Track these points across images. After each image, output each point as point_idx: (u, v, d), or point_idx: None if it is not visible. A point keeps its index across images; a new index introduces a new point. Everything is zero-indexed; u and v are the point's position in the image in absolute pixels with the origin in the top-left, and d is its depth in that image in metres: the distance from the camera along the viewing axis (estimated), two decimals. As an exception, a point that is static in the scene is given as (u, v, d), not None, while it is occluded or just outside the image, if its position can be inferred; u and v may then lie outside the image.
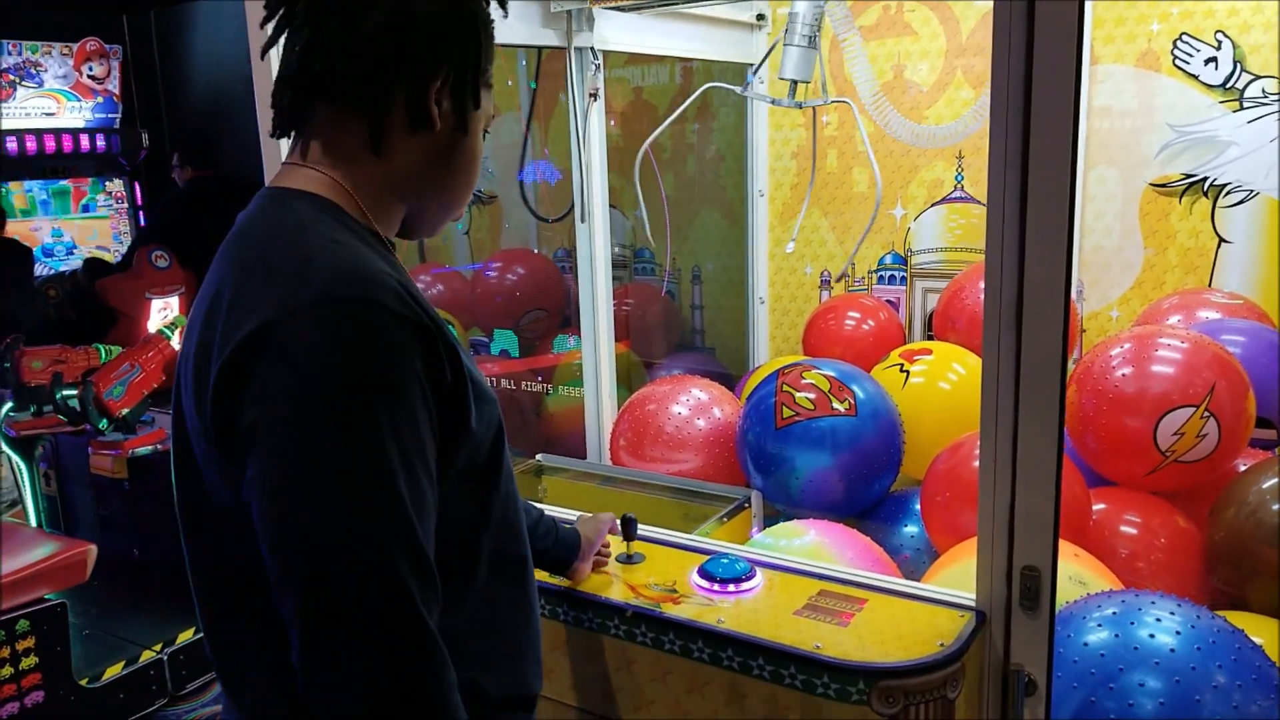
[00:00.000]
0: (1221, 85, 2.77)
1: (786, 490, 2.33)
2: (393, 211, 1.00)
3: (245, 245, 0.93)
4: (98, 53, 4.89)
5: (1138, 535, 2.11)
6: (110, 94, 4.97)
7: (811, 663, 1.26)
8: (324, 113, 0.95)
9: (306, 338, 0.80)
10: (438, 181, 1.00)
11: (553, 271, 3.84)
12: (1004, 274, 1.25)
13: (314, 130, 0.96)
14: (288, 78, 0.95)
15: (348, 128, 0.95)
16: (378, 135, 0.95)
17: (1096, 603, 1.51)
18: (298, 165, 0.96)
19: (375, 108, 0.94)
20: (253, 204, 0.97)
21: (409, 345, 0.84)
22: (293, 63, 0.95)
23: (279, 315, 0.82)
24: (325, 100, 0.95)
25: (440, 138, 0.98)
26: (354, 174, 0.95)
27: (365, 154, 0.95)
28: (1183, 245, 2.90)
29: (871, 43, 3.25)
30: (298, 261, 0.86)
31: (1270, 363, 2.36)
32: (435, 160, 0.99)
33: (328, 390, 0.80)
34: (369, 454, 0.80)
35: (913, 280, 3.34)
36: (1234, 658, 1.36)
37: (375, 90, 0.94)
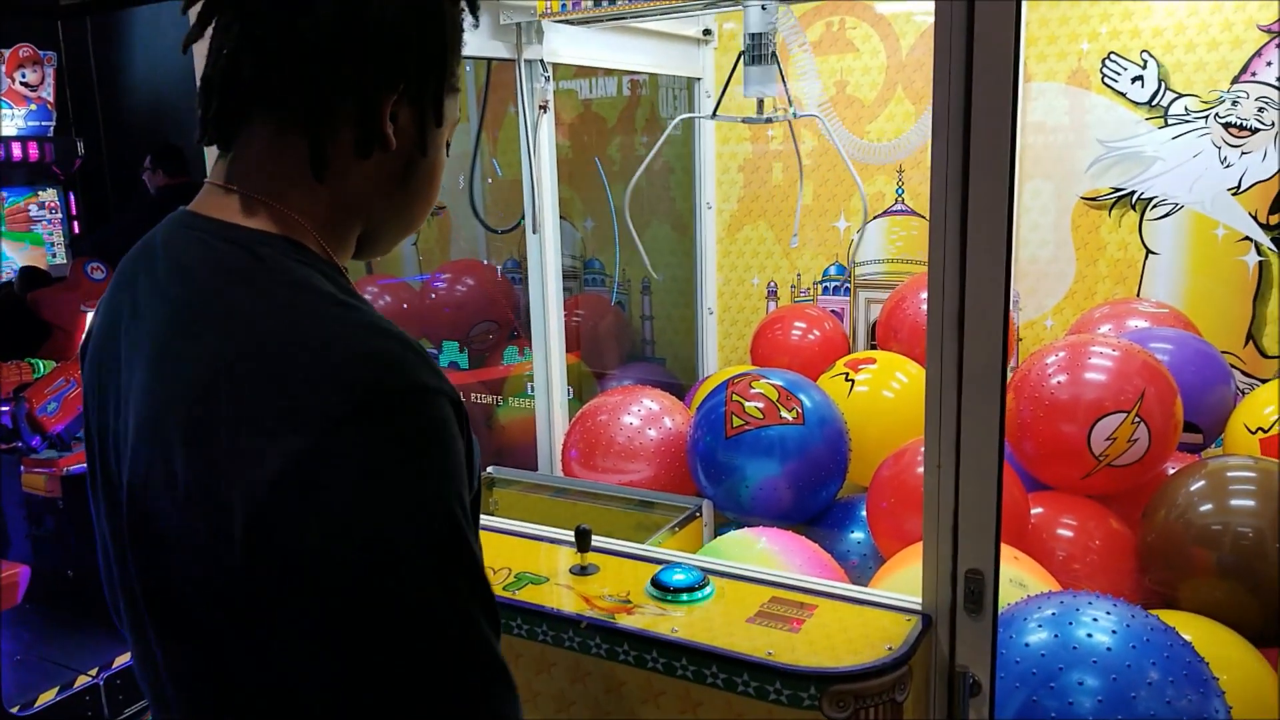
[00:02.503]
0: (1147, 103, 2.88)
1: (737, 499, 2.36)
2: (347, 238, 0.87)
3: (227, 319, 0.74)
4: (31, 59, 4.76)
5: (1074, 538, 2.18)
6: (44, 101, 4.84)
7: (764, 669, 1.28)
8: (260, 126, 0.81)
9: (360, 465, 0.67)
10: (393, 204, 0.87)
11: (502, 283, 3.84)
12: (946, 285, 1.29)
13: (248, 145, 0.82)
14: (214, 80, 0.81)
15: (289, 146, 0.81)
16: (321, 158, 0.80)
17: (1036, 604, 1.55)
18: (233, 191, 0.81)
19: (318, 126, 0.80)
20: (189, 239, 0.81)
21: (455, 424, 0.74)
22: (221, 63, 0.80)
23: (318, 442, 0.67)
24: (260, 111, 0.81)
25: (396, 158, 0.84)
26: (301, 201, 0.81)
27: (313, 187, 0.82)
28: (1112, 256, 3.01)
29: (814, 58, 3.32)
30: (314, 352, 0.71)
31: (1196, 369, 2.46)
32: (390, 182, 0.85)
33: (399, 525, 0.68)
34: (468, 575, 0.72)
35: (856, 291, 3.41)
36: (1166, 655, 1.42)
37: (318, 104, 0.79)
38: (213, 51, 0.81)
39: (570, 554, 1.59)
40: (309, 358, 0.71)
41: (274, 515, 0.68)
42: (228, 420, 0.70)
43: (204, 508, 0.71)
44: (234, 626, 0.73)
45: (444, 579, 0.70)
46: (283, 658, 0.71)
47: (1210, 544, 1.99)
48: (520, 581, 1.53)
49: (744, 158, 3.50)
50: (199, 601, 0.75)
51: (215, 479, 0.70)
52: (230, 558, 0.70)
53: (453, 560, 0.71)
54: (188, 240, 0.82)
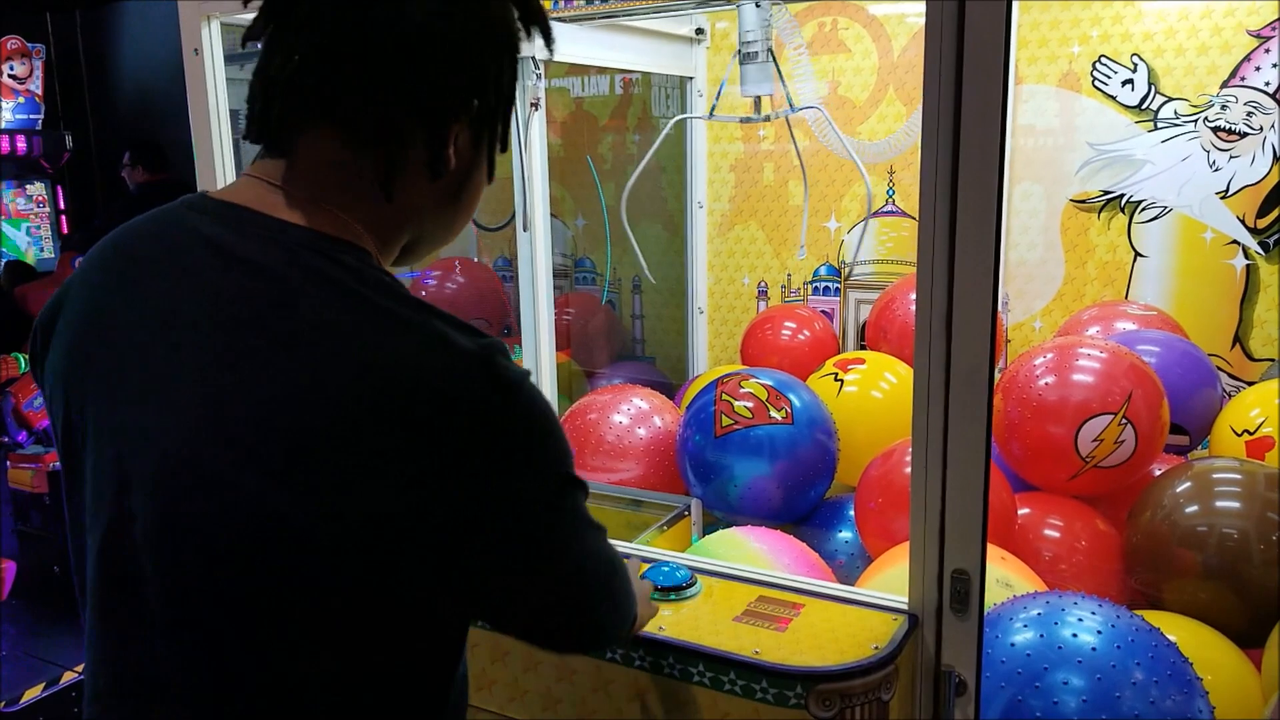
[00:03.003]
0: (1137, 106, 2.89)
1: (725, 498, 2.36)
2: (395, 247, 0.89)
3: (335, 332, 0.73)
4: (19, 51, 4.73)
5: (1060, 538, 2.19)
6: (32, 95, 4.82)
7: (750, 668, 1.28)
8: (323, 133, 0.80)
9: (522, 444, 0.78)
10: (442, 219, 0.89)
11: (493, 280, 3.83)
12: (934, 286, 1.29)
13: (307, 149, 0.81)
14: (278, 84, 0.79)
15: (356, 158, 0.81)
16: (391, 177, 0.81)
17: (1022, 604, 1.56)
18: (290, 193, 0.80)
19: (392, 145, 0.80)
20: (248, 235, 0.78)
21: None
22: (289, 68, 0.78)
23: (474, 440, 0.75)
24: (324, 119, 0.80)
25: (453, 178, 0.85)
26: (362, 211, 0.82)
27: (377, 200, 0.82)
28: (1101, 259, 3.02)
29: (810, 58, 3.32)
30: (438, 358, 0.75)
31: (1183, 372, 2.48)
32: (443, 200, 0.87)
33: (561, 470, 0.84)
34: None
35: (846, 291, 3.41)
36: (1151, 655, 1.43)
37: (394, 125, 0.80)
38: (278, 53, 0.80)
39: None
40: (437, 365, 0.74)
41: (468, 506, 0.75)
42: (368, 429, 0.72)
43: (335, 511, 0.73)
44: (332, 618, 0.77)
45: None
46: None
47: (1195, 545, 2.01)
48: (508, 579, 1.53)
49: (735, 157, 3.51)
50: (278, 598, 0.76)
51: (355, 487, 0.72)
52: (373, 552, 0.74)
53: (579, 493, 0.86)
54: (245, 235, 0.79)
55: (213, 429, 0.74)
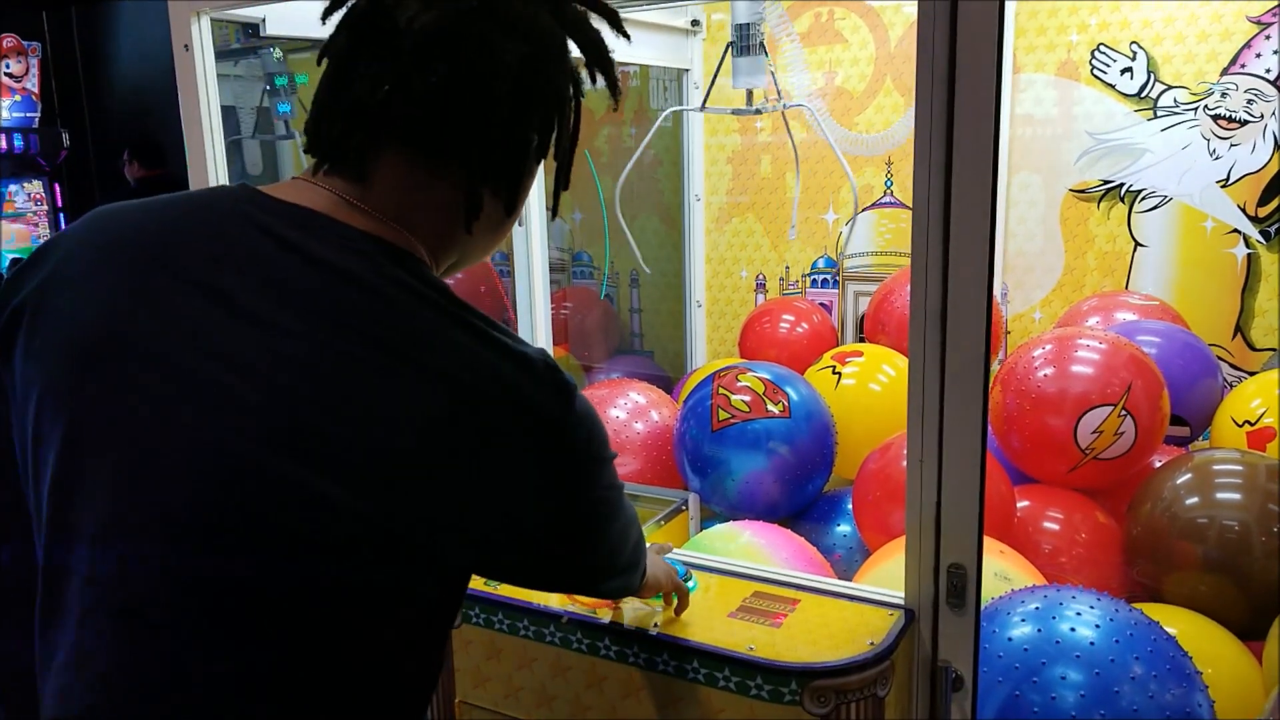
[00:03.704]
0: (1136, 94, 2.87)
1: (723, 492, 2.35)
2: (443, 266, 0.91)
3: (434, 344, 0.76)
4: (15, 49, 4.72)
5: (1060, 531, 2.18)
6: (29, 93, 4.80)
7: (745, 664, 1.27)
8: (397, 157, 0.82)
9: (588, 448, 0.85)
10: (486, 245, 0.93)
11: (491, 275, 3.81)
12: (929, 278, 1.28)
13: (379, 171, 0.82)
14: (363, 110, 0.80)
15: (432, 189, 0.83)
16: (476, 214, 0.84)
17: (1020, 598, 1.55)
18: (358, 205, 0.81)
19: (481, 184, 0.84)
20: (326, 239, 0.78)
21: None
22: (376, 96, 0.79)
23: (555, 447, 0.82)
24: (407, 148, 0.81)
25: (511, 211, 0.90)
26: (428, 233, 0.84)
27: (449, 225, 0.85)
28: (1101, 249, 3.00)
29: (803, 49, 3.30)
30: (516, 371, 0.79)
31: (1184, 362, 2.46)
32: (493, 230, 0.91)
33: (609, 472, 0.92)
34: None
35: (844, 284, 3.40)
36: (1150, 649, 1.41)
37: (488, 166, 0.83)
38: (361, 80, 0.80)
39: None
40: (521, 378, 0.78)
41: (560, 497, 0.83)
42: (461, 438, 0.76)
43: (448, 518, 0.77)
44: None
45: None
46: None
47: (1196, 538, 1.99)
48: (501, 576, 1.52)
49: (732, 149, 3.49)
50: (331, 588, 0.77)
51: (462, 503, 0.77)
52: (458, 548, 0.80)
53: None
54: (314, 235, 0.79)
55: (292, 433, 0.74)
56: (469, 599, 1.47)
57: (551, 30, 0.83)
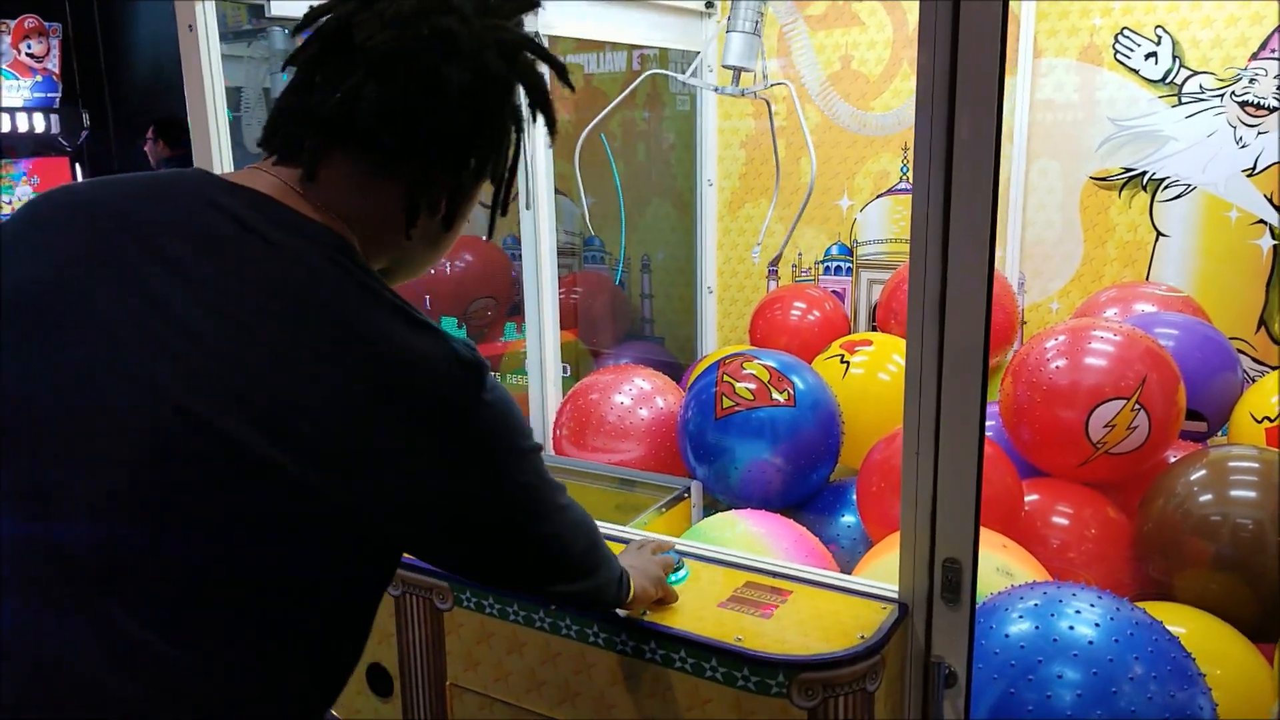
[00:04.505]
0: (1161, 80, 2.80)
1: (726, 480, 2.33)
2: (374, 268, 0.94)
3: (348, 327, 0.81)
4: (36, 30, 4.75)
5: (1069, 526, 2.13)
6: (50, 73, 4.83)
7: (732, 655, 1.25)
8: (346, 159, 0.88)
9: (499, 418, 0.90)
10: (421, 260, 0.98)
11: (502, 259, 3.80)
12: (928, 263, 1.25)
13: (328, 170, 0.88)
14: (318, 115, 0.86)
15: (373, 194, 0.89)
16: (414, 222, 0.91)
17: (1019, 594, 1.51)
18: (307, 196, 0.87)
19: (421, 194, 0.90)
20: (270, 222, 0.83)
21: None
22: (328, 104, 0.86)
23: (471, 422, 0.87)
24: (355, 150, 0.88)
25: (449, 228, 0.96)
26: (364, 232, 0.89)
27: (387, 230, 0.91)
28: (1121, 238, 2.94)
29: (819, 33, 3.25)
30: (437, 353, 0.86)
31: (1202, 355, 2.40)
32: (430, 242, 0.96)
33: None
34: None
35: (858, 271, 3.35)
36: (1151, 649, 1.38)
37: (430, 176, 0.90)
38: (319, 87, 0.87)
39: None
40: (434, 364, 0.83)
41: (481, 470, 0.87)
42: (387, 415, 0.81)
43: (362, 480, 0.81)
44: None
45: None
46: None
47: (1208, 535, 1.95)
48: (491, 562, 1.50)
49: (746, 134, 3.44)
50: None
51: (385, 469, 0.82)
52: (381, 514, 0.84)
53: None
54: (268, 218, 0.84)
55: (235, 396, 0.77)
56: (461, 583, 1.46)
57: (497, 68, 0.90)
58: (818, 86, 3.26)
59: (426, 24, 0.86)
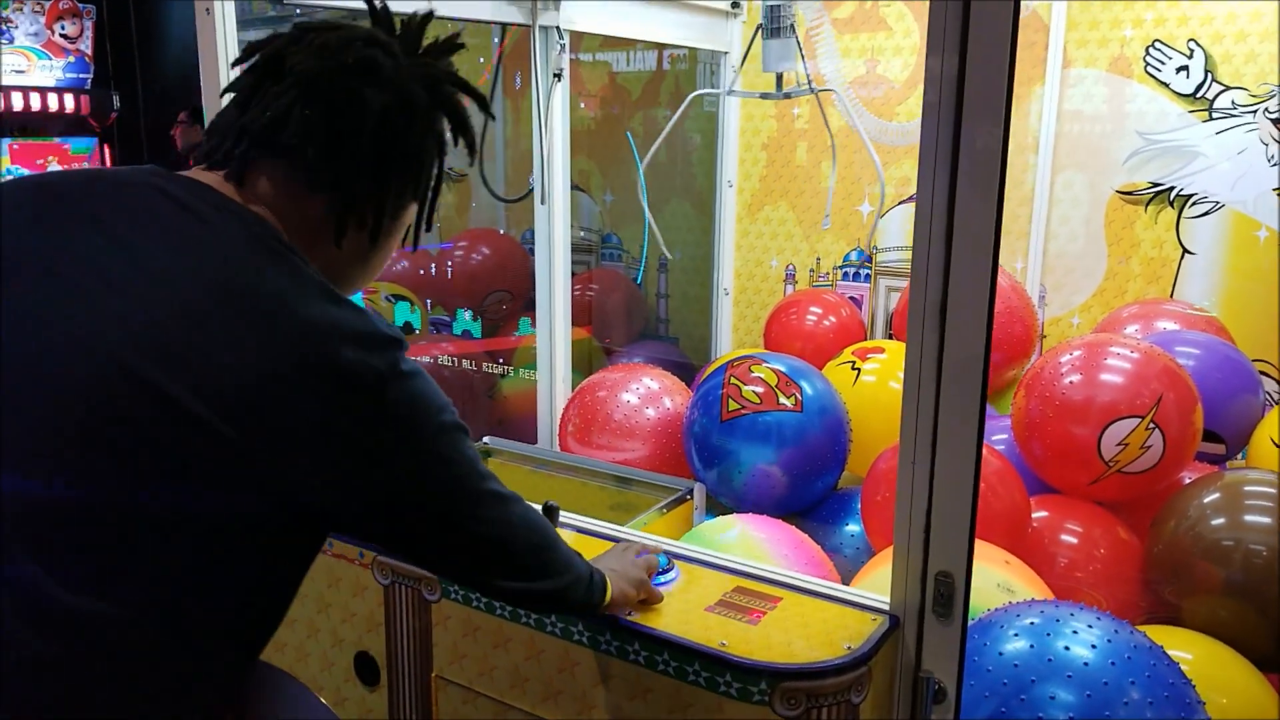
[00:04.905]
0: (1192, 94, 2.75)
1: (730, 484, 2.30)
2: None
3: (271, 301, 0.87)
4: (70, 11, 4.80)
5: (1078, 545, 2.09)
6: (82, 54, 4.88)
7: (715, 660, 1.23)
8: (276, 167, 0.94)
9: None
10: (350, 276, 1.03)
11: (518, 253, 3.79)
12: (929, 270, 1.22)
13: (258, 177, 0.94)
14: (251, 128, 0.93)
15: (302, 205, 0.95)
16: (342, 232, 0.97)
17: (1017, 611, 1.48)
18: (242, 194, 0.94)
19: (346, 208, 0.96)
20: (205, 205, 0.90)
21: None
22: (263, 117, 0.93)
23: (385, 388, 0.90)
24: (282, 162, 0.94)
25: (375, 244, 1.01)
26: (295, 239, 0.94)
27: (315, 238, 0.96)
28: (1146, 254, 2.89)
29: (845, 36, 3.21)
30: (352, 326, 0.90)
31: (1223, 376, 2.35)
32: (356, 257, 1.01)
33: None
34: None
35: (876, 278, 3.31)
36: (1148, 674, 1.34)
37: (352, 191, 0.96)
38: (257, 104, 0.94)
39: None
40: (352, 346, 0.87)
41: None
42: (304, 385, 0.85)
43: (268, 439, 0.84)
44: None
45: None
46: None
47: (1220, 560, 1.90)
48: (481, 556, 1.49)
49: (768, 135, 3.42)
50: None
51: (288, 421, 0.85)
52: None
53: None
54: (209, 204, 0.91)
55: (169, 356, 0.82)
56: (444, 576, 1.45)
57: (419, 96, 0.97)
58: (842, 91, 3.22)
59: (351, 54, 0.94)
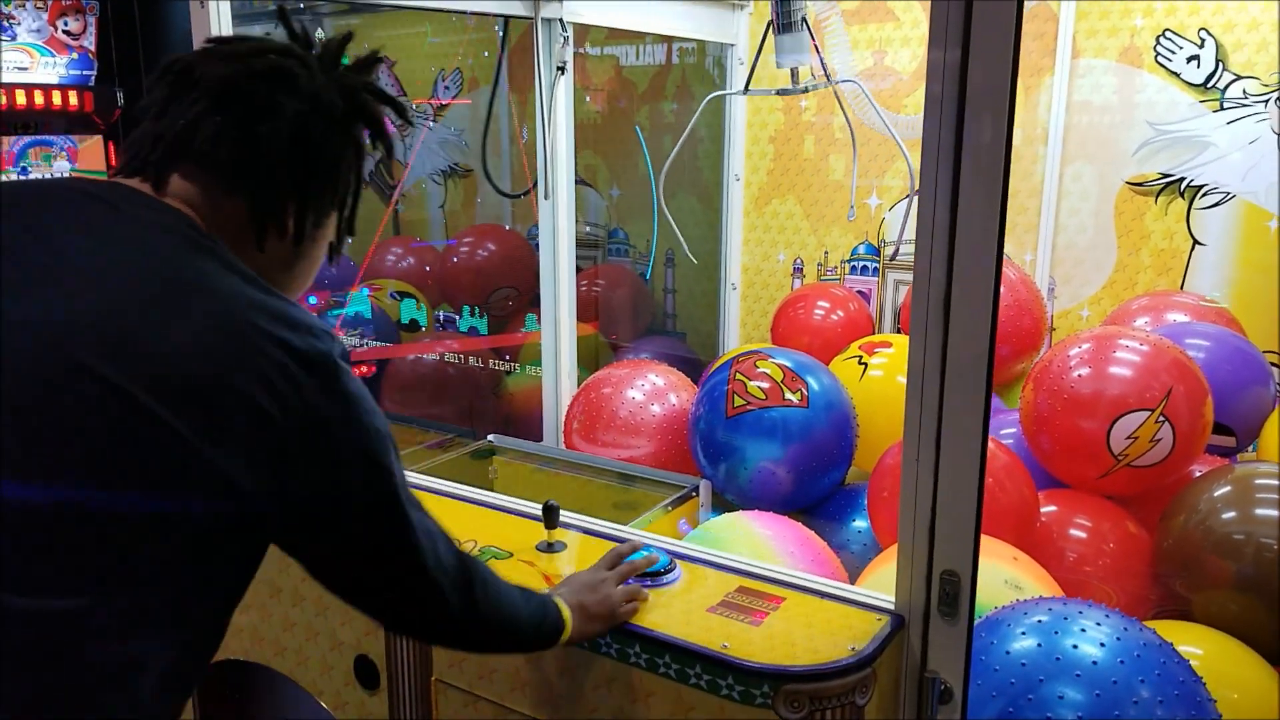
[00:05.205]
0: (1203, 84, 2.71)
1: (736, 480, 2.29)
2: None
3: (203, 296, 0.87)
4: (73, 8, 4.79)
5: (1087, 539, 2.07)
6: (86, 50, 4.88)
7: (717, 663, 1.21)
8: (192, 177, 0.94)
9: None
10: (277, 282, 1.01)
11: (524, 249, 3.78)
12: (933, 265, 1.21)
13: (177, 181, 0.94)
14: (165, 136, 0.93)
15: (221, 210, 0.95)
16: (260, 233, 0.97)
17: (1024, 609, 1.46)
18: (171, 199, 0.94)
19: (265, 213, 0.96)
20: (137, 208, 0.91)
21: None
22: (177, 125, 0.93)
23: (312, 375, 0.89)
24: (198, 168, 0.94)
25: (298, 249, 1.01)
26: (222, 239, 0.94)
27: (237, 241, 0.95)
28: (1156, 246, 2.86)
29: (853, 27, 3.19)
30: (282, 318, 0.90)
31: (1233, 368, 2.32)
32: (285, 266, 1.02)
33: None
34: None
35: (884, 271, 3.29)
36: (1158, 672, 1.32)
37: (270, 195, 0.96)
38: (171, 113, 0.94)
39: (540, 529, 1.54)
40: (295, 322, 0.89)
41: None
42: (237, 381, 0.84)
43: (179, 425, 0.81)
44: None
45: None
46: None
47: (1230, 554, 1.88)
48: (484, 555, 1.48)
49: (775, 129, 3.39)
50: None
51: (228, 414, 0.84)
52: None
53: None
54: (135, 204, 0.92)
55: (115, 348, 0.82)
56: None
57: (334, 102, 0.97)
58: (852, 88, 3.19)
59: (263, 61, 0.95)
